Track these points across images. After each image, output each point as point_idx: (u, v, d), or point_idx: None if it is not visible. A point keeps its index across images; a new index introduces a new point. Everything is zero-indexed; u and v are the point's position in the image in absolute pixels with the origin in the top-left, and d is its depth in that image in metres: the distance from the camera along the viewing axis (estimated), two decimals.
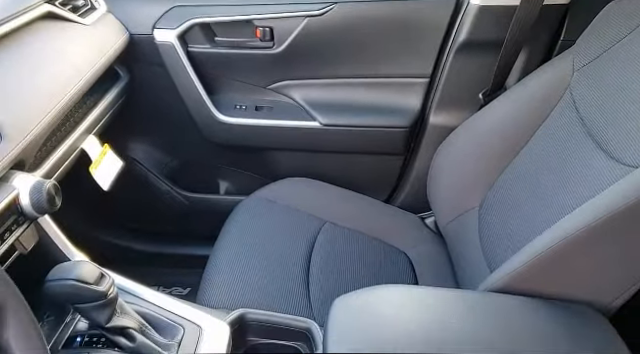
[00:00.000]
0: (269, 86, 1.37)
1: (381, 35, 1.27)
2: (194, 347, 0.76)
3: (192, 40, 1.30)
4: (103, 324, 0.73)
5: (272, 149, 1.41)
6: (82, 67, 1.06)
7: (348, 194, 1.33)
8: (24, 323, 0.45)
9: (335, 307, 0.73)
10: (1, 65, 0.87)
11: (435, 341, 0.68)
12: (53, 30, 1.06)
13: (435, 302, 0.76)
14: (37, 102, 0.87)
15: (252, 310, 0.84)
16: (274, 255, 1.10)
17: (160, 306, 0.81)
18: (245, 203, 1.27)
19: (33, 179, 0.77)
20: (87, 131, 1.10)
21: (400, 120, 1.33)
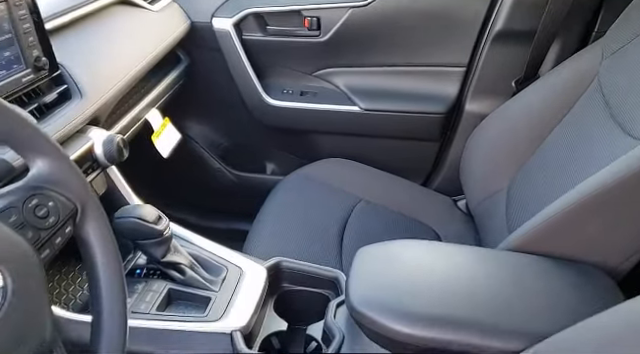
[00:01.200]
0: (314, 73, 1.48)
1: (420, 25, 1.36)
2: (235, 285, 0.86)
3: (246, 28, 1.43)
4: (159, 259, 0.85)
5: (315, 132, 1.52)
6: (149, 47, 1.20)
7: (383, 175, 1.40)
8: (100, 221, 0.57)
9: (358, 255, 0.81)
10: (83, 40, 1.02)
11: (449, 287, 0.76)
12: (126, 14, 1.20)
13: (452, 254, 0.83)
14: (111, 71, 1.01)
15: (287, 259, 0.94)
16: (310, 225, 1.19)
17: (208, 250, 0.93)
18: (286, 180, 1.37)
19: (106, 133, 0.90)
20: (151, 105, 1.24)
21: (437, 107, 1.40)
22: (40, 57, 0.83)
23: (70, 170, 0.55)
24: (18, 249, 0.46)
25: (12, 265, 0.45)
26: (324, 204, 1.27)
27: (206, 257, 0.91)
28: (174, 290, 0.85)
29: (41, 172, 0.53)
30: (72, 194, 0.54)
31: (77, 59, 0.94)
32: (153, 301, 0.82)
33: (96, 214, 0.56)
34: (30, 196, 0.51)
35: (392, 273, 0.78)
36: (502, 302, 0.73)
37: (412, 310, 0.71)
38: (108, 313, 0.55)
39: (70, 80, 0.90)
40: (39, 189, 0.52)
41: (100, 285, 0.55)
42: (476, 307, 0.72)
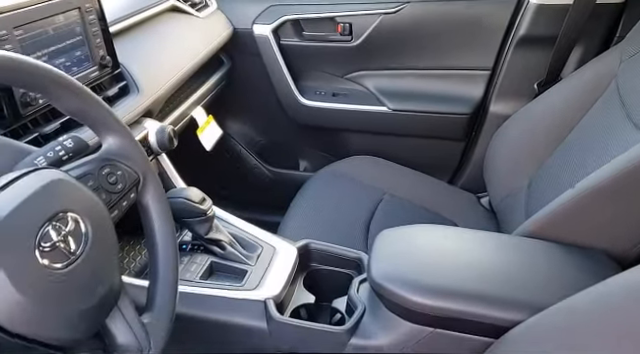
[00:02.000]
0: (346, 75, 1.57)
1: (447, 31, 1.44)
2: (269, 261, 0.96)
3: (284, 34, 1.54)
4: (203, 235, 0.96)
5: (345, 130, 1.61)
6: (196, 50, 1.32)
7: (409, 172, 1.48)
8: (157, 189, 0.67)
9: (379, 237, 0.90)
10: (140, 43, 1.14)
11: (460, 263, 0.83)
12: (176, 20, 1.33)
13: (466, 237, 0.91)
14: (163, 70, 1.14)
15: (315, 241, 1.03)
16: (338, 215, 1.28)
17: (245, 230, 1.03)
18: (317, 175, 1.46)
19: (158, 124, 1.02)
20: (196, 103, 1.36)
21: (462, 108, 1.48)
22: (105, 56, 0.95)
23: (135, 147, 0.66)
24: (96, 206, 0.57)
25: (92, 218, 0.55)
26: (352, 197, 1.35)
27: (244, 236, 1.01)
28: (215, 263, 0.95)
29: (112, 147, 0.64)
30: (136, 166, 0.65)
31: (135, 59, 1.06)
32: (197, 271, 0.92)
33: (154, 184, 0.67)
34: (103, 166, 0.63)
35: (409, 251, 0.86)
36: (508, 278, 0.80)
37: (427, 283, 0.79)
38: (163, 266, 0.65)
39: (129, 77, 1.02)
40: (110, 161, 0.63)
41: (156, 242, 0.66)
42: (484, 281, 0.79)
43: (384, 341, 0.83)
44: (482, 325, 0.76)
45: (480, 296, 0.77)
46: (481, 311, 0.76)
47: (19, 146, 0.74)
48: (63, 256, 0.51)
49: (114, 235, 0.59)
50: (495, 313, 0.75)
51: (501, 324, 0.74)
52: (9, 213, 0.48)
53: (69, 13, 0.87)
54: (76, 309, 0.51)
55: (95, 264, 0.54)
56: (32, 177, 0.53)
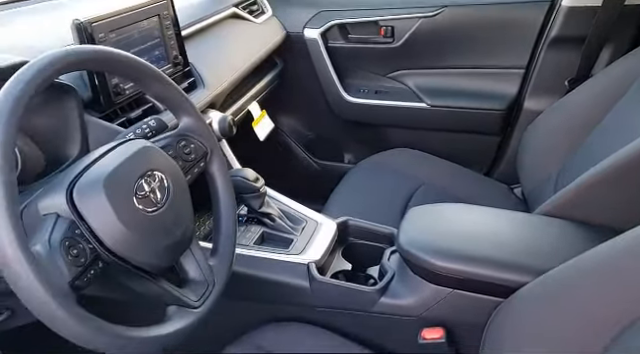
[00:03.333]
0: (387, 74, 1.70)
1: (483, 32, 1.54)
2: (311, 233, 1.10)
3: (331, 37, 1.69)
4: (256, 209, 1.11)
5: (386, 125, 1.74)
6: (253, 52, 1.49)
7: (445, 164, 1.58)
8: (221, 161, 0.83)
9: (408, 213, 1.03)
10: (205, 45, 1.32)
11: (478, 233, 0.95)
12: (236, 26, 1.51)
13: (487, 214, 1.02)
14: (224, 69, 1.31)
15: (353, 218, 1.16)
16: (376, 201, 1.40)
17: (292, 207, 1.18)
18: (358, 166, 1.60)
19: (221, 114, 1.18)
20: (252, 98, 1.53)
21: (497, 104, 1.58)
22: (177, 56, 1.13)
23: (204, 126, 0.82)
24: (175, 169, 0.74)
25: (173, 177, 0.72)
26: (390, 185, 1.47)
27: (291, 212, 1.16)
28: (266, 232, 1.11)
29: (186, 125, 0.80)
30: (205, 141, 0.81)
31: (201, 59, 1.24)
32: (251, 238, 1.08)
33: (219, 157, 0.83)
34: (179, 140, 0.79)
35: (434, 223, 0.99)
36: (518, 246, 0.91)
37: (447, 249, 0.91)
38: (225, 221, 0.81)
39: (196, 74, 1.20)
40: (185, 136, 0.80)
41: (220, 203, 0.82)
42: (496, 249, 0.90)
43: (410, 301, 0.96)
44: (493, 286, 0.87)
45: (492, 261, 0.88)
46: (492, 274, 0.87)
47: (112, 127, 0.92)
48: (152, 203, 0.67)
49: (188, 193, 0.75)
50: (504, 275, 0.86)
51: (509, 285, 0.84)
52: (113, 169, 0.65)
53: (151, 19, 1.04)
54: (161, 243, 0.67)
55: (175, 212, 0.70)
56: (128, 145, 0.70)
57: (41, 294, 0.52)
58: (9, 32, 1.01)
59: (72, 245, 0.58)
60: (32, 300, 0.53)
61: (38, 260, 0.54)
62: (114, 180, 0.64)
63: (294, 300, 1.02)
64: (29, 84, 0.57)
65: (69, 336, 0.55)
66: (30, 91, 0.57)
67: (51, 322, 0.54)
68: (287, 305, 1.02)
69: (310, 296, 1.00)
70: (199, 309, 0.71)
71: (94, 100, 0.92)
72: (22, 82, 0.57)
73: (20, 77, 0.57)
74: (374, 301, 0.97)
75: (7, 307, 0.72)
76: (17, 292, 0.53)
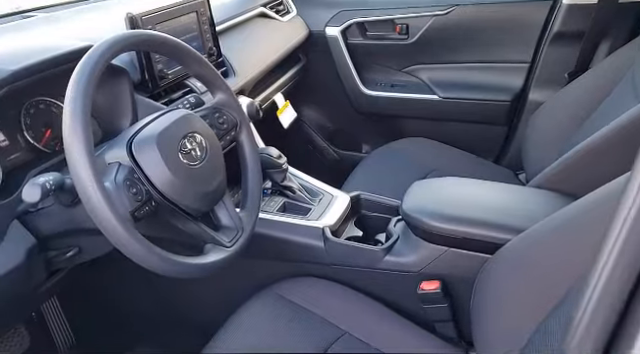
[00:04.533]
0: (402, 69, 1.84)
1: (491, 29, 1.67)
2: (327, 204, 1.25)
3: (350, 34, 1.84)
4: (279, 182, 1.26)
5: (401, 116, 1.87)
6: (278, 47, 1.65)
7: (455, 151, 1.70)
8: (249, 132, 0.98)
9: (411, 186, 1.16)
10: (235, 40, 1.48)
11: (471, 200, 1.08)
12: (263, 24, 1.67)
13: (482, 185, 1.15)
14: (252, 61, 1.47)
15: (364, 192, 1.30)
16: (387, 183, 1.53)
17: (310, 182, 1.33)
18: (373, 153, 1.73)
19: (249, 99, 1.34)
20: (277, 90, 1.68)
21: (504, 96, 1.70)
22: (212, 48, 1.29)
23: (235, 101, 0.98)
24: (211, 134, 0.89)
25: (209, 140, 0.87)
26: (402, 170, 1.60)
27: (309, 186, 1.31)
28: (287, 202, 1.26)
29: (220, 99, 0.96)
30: (236, 114, 0.97)
31: (232, 51, 1.40)
32: (274, 207, 1.23)
33: (247, 128, 0.99)
34: (214, 112, 0.95)
35: (433, 193, 1.12)
36: (505, 210, 1.04)
37: (443, 212, 1.04)
38: (252, 180, 0.96)
39: (228, 64, 1.36)
40: (219, 109, 0.95)
41: (247, 165, 0.97)
42: (486, 212, 1.03)
43: (411, 258, 1.09)
44: (482, 243, 1.00)
45: (480, 221, 1.01)
46: (480, 232, 1.00)
47: (158, 105, 1.08)
48: (193, 158, 0.83)
49: (222, 155, 0.91)
50: (490, 233, 0.99)
51: (495, 242, 0.97)
52: (164, 129, 0.81)
53: (190, 15, 1.21)
54: (200, 191, 0.83)
55: (211, 167, 0.86)
56: (174, 112, 0.86)
57: (110, 217, 0.68)
58: (73, 25, 1.19)
59: (132, 185, 0.74)
60: (103, 222, 0.68)
61: (108, 193, 0.70)
62: (164, 137, 0.80)
63: (310, 258, 1.16)
64: (103, 56, 0.73)
65: (127, 253, 0.71)
66: (103, 63, 0.73)
67: (115, 240, 0.70)
68: (304, 263, 1.17)
69: (324, 255, 1.15)
70: (231, 249, 0.86)
71: (142, 82, 1.09)
72: (96, 56, 0.73)
73: (94, 52, 0.73)
74: (380, 259, 1.11)
75: (75, 245, 0.89)
76: (93, 217, 0.69)
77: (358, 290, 1.12)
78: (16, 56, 0.84)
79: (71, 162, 0.68)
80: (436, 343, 1.04)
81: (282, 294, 1.10)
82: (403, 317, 1.08)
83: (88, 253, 0.90)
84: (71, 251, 0.89)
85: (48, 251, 0.88)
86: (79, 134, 0.68)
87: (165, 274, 0.75)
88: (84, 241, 0.88)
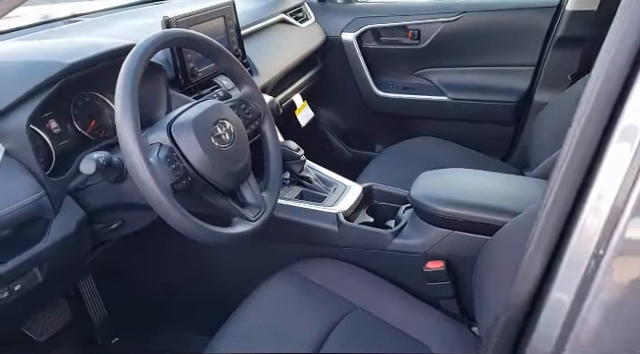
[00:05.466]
0: (414, 72, 1.95)
1: (498, 34, 1.77)
2: (341, 193, 1.35)
3: (365, 40, 1.95)
4: (297, 173, 1.37)
5: (412, 117, 1.98)
6: (297, 51, 1.77)
7: (464, 150, 1.79)
8: (272, 123, 1.10)
9: (419, 176, 1.26)
10: (258, 43, 1.60)
11: (474, 187, 1.17)
12: (284, 29, 1.79)
13: (485, 175, 1.24)
14: (273, 63, 1.59)
15: (376, 183, 1.41)
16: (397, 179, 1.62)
17: (325, 173, 1.43)
18: (385, 151, 1.84)
19: (270, 96, 1.46)
20: (295, 91, 1.80)
21: (511, 97, 1.79)
22: (237, 49, 1.41)
23: (259, 94, 1.09)
24: (239, 122, 1.00)
25: (237, 127, 0.98)
26: (413, 167, 1.68)
27: (325, 177, 1.42)
28: (304, 191, 1.36)
29: (246, 92, 1.07)
30: (260, 105, 1.08)
31: (255, 53, 1.52)
32: (292, 195, 1.34)
33: (269, 118, 1.10)
34: (241, 103, 1.06)
35: (438, 180, 1.22)
36: (503, 196, 1.13)
37: (448, 198, 1.14)
38: (273, 166, 1.07)
39: (251, 65, 1.48)
40: (245, 101, 1.07)
41: (269, 152, 1.08)
42: (486, 198, 1.13)
43: (417, 241, 1.19)
44: (482, 226, 1.09)
45: (481, 206, 1.11)
46: (481, 216, 1.09)
47: (189, 98, 1.20)
48: (223, 142, 0.94)
49: (247, 141, 1.02)
50: (489, 216, 1.08)
51: (494, 224, 1.06)
52: (198, 115, 0.92)
53: (218, 19, 1.33)
54: (229, 170, 0.94)
55: (237, 151, 0.97)
56: (207, 102, 0.98)
57: (154, 187, 0.79)
58: (113, 28, 1.32)
59: (171, 162, 0.86)
60: (148, 191, 0.80)
61: (152, 167, 0.81)
62: (198, 122, 0.91)
63: (325, 241, 1.26)
64: (148, 50, 0.85)
65: (167, 219, 0.82)
66: (148, 55, 0.85)
67: (158, 208, 0.81)
68: (320, 245, 1.27)
69: (338, 238, 1.25)
70: (255, 223, 0.97)
71: (175, 79, 1.21)
72: (143, 49, 0.85)
73: (141, 46, 0.85)
74: (389, 241, 1.21)
75: (119, 219, 1.01)
76: (139, 187, 0.80)
77: (369, 270, 1.22)
78: (70, 52, 0.97)
79: (122, 140, 0.80)
80: (440, 318, 1.14)
81: (300, 273, 1.21)
82: (410, 294, 1.18)
83: (130, 226, 1.02)
84: (115, 224, 1.00)
85: (94, 224, 1.00)
86: (129, 116, 0.80)
87: (198, 240, 0.86)
88: (127, 215, 1.00)
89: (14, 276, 0.86)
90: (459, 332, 1.11)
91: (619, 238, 0.46)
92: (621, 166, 0.46)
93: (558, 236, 0.50)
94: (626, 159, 0.46)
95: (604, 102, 0.47)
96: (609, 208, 0.46)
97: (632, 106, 0.45)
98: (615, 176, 0.46)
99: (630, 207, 0.45)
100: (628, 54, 0.45)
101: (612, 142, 0.46)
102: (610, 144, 0.46)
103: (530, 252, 0.51)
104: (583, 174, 0.48)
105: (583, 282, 0.47)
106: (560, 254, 0.50)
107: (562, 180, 0.49)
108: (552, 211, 0.51)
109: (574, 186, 0.49)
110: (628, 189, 0.45)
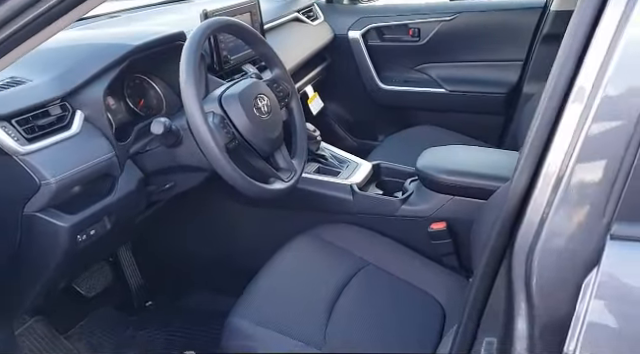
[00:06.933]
0: (414, 67, 2.13)
1: (490, 33, 1.96)
2: (353, 169, 1.53)
3: (370, 37, 2.14)
4: (314, 152, 1.55)
5: (413, 108, 2.16)
6: (308, 46, 1.95)
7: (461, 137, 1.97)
8: (298, 101, 1.27)
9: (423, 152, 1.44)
10: (275, 38, 1.78)
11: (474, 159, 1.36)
12: (297, 27, 1.97)
13: (483, 149, 1.43)
14: (288, 56, 1.76)
15: (385, 162, 1.59)
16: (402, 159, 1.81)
17: (338, 153, 1.61)
18: (388, 139, 2.02)
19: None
20: (307, 82, 1.98)
21: (502, 89, 1.98)
22: None
23: (288, 76, 1.27)
24: (273, 97, 1.17)
25: (271, 101, 1.15)
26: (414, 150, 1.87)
27: (338, 155, 1.60)
28: (321, 167, 1.54)
29: (277, 74, 1.25)
30: (288, 85, 1.26)
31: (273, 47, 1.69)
32: (311, 170, 1.52)
33: (296, 97, 1.28)
34: (273, 82, 1.23)
35: (441, 154, 1.40)
36: (497, 165, 1.31)
37: (449, 168, 1.32)
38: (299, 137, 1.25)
39: None
40: (276, 80, 1.24)
41: (296, 125, 1.26)
42: (482, 167, 1.31)
43: (423, 207, 1.37)
44: (478, 191, 1.27)
45: (477, 174, 1.29)
46: (478, 182, 1.27)
47: (224, 82, 1.38)
48: (262, 112, 1.11)
49: (280, 114, 1.19)
50: (485, 182, 1.26)
51: (489, 189, 1.24)
52: (243, 89, 1.10)
53: (245, 14, 1.51)
54: (267, 136, 1.11)
55: (274, 121, 1.15)
56: (248, 80, 1.16)
57: (213, 144, 0.97)
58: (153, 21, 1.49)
59: (223, 127, 1.03)
60: (208, 148, 0.97)
61: (210, 128, 0.98)
62: (243, 95, 1.09)
63: (341, 209, 1.44)
64: (205, 32, 1.03)
65: (221, 172, 0.99)
66: (205, 36, 1.02)
67: (215, 162, 0.98)
68: (336, 213, 1.45)
69: (352, 205, 1.43)
70: (288, 183, 1.15)
71: (211, 65, 1.39)
72: (200, 31, 1.02)
73: (199, 30, 1.03)
74: (398, 208, 1.39)
75: (171, 180, 1.18)
76: (200, 144, 0.97)
77: (380, 233, 1.40)
78: (133, 37, 1.14)
79: (186, 106, 0.97)
80: (442, 271, 1.32)
81: (319, 236, 1.38)
82: (416, 252, 1.35)
83: (180, 186, 1.19)
84: (168, 184, 1.17)
85: (150, 186, 1.17)
86: (192, 86, 0.97)
87: (244, 191, 1.03)
88: (178, 176, 1.17)
89: (91, 222, 1.03)
90: (459, 282, 1.29)
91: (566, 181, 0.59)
92: (571, 129, 0.59)
93: (532, 173, 0.64)
94: (575, 119, 0.59)
95: (563, 83, 0.61)
96: (562, 156, 0.60)
97: (581, 82, 0.59)
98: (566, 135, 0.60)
99: (576, 154, 0.59)
100: (578, 45, 0.60)
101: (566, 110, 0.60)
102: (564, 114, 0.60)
103: (516, 176, 0.67)
104: (547, 132, 0.63)
105: (549, 198, 0.61)
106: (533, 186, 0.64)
107: (532, 142, 0.64)
108: (530, 150, 0.66)
109: (541, 139, 0.63)
110: (575, 142, 0.58)
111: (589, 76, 0.57)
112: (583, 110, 0.57)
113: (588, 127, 0.57)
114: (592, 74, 0.57)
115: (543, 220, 0.61)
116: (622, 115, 0.55)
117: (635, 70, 0.55)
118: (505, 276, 0.67)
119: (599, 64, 0.56)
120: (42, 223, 0.96)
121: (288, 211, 1.50)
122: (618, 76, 0.55)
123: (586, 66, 0.58)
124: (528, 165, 0.65)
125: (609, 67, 0.55)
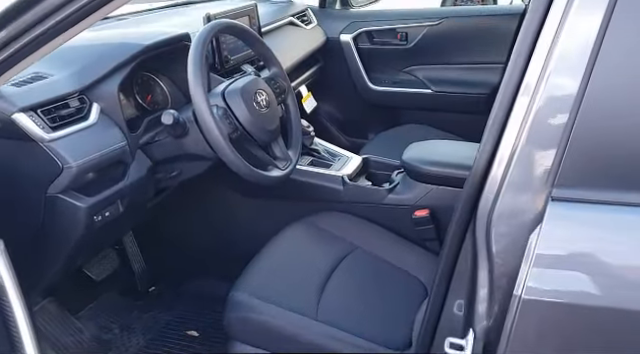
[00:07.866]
0: (402, 69, 2.26)
1: (474, 36, 2.09)
2: (344, 162, 1.65)
3: (360, 40, 2.26)
4: (308, 146, 1.67)
5: (401, 108, 2.29)
6: (302, 49, 2.07)
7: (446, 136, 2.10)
8: (293, 97, 1.39)
9: (409, 146, 1.56)
10: (272, 41, 1.89)
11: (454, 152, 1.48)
12: (291, 30, 2.09)
13: (461, 143, 1.55)
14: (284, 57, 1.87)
15: (372, 155, 1.70)
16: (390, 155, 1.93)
17: (330, 147, 1.73)
18: (377, 136, 2.14)
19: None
20: (301, 82, 2.10)
21: (484, 89, 2.11)
22: None
23: (284, 74, 1.38)
24: (271, 92, 1.29)
25: (269, 96, 1.27)
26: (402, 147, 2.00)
27: (330, 150, 1.72)
28: (314, 160, 1.66)
29: (274, 72, 1.37)
30: (284, 82, 1.37)
31: None
32: (304, 163, 1.63)
33: (292, 94, 1.40)
34: (270, 79, 1.35)
35: (425, 147, 1.52)
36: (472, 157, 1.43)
37: (432, 159, 1.44)
38: (294, 130, 1.36)
39: None
40: (274, 78, 1.36)
41: (291, 120, 1.37)
42: (461, 159, 1.42)
43: (408, 195, 1.49)
44: (458, 180, 1.36)
45: (458, 165, 1.40)
46: (457, 172, 1.39)
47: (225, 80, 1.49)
48: (261, 106, 1.23)
49: (277, 109, 1.31)
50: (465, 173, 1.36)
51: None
52: (244, 85, 1.21)
53: (244, 17, 1.62)
54: (265, 128, 1.23)
55: (272, 115, 1.26)
56: (248, 76, 1.27)
57: (217, 133, 1.08)
58: (160, 23, 1.61)
59: (227, 118, 1.15)
60: (213, 136, 1.08)
61: (215, 119, 1.10)
62: (244, 90, 1.20)
63: (332, 198, 1.55)
64: (209, 33, 1.14)
65: (225, 158, 1.10)
66: (210, 37, 1.14)
67: (219, 150, 1.09)
68: (328, 201, 1.56)
69: (343, 195, 1.54)
70: (284, 171, 1.26)
71: (213, 64, 1.50)
72: (206, 32, 1.14)
73: (204, 30, 1.14)
74: (384, 197, 1.51)
75: (178, 169, 1.29)
76: (206, 133, 1.08)
77: (368, 220, 1.51)
78: (143, 37, 1.26)
79: (194, 98, 1.08)
80: (425, 254, 1.43)
81: (314, 223, 1.49)
82: (401, 237, 1.47)
83: (186, 174, 1.30)
84: (174, 172, 1.28)
85: (158, 173, 1.28)
86: (199, 81, 1.09)
87: (245, 177, 1.14)
88: (184, 165, 1.28)
89: (106, 204, 1.14)
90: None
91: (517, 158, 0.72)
92: (520, 117, 0.72)
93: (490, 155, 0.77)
94: (523, 109, 0.72)
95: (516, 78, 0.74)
96: (513, 140, 0.73)
97: (528, 79, 0.72)
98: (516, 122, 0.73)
99: (524, 137, 0.72)
100: (526, 48, 0.73)
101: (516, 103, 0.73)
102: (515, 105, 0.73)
103: (477, 158, 0.80)
104: (502, 121, 0.76)
105: (503, 174, 0.74)
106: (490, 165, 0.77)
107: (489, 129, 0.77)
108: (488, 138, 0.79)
109: (498, 126, 0.77)
110: (523, 127, 0.71)
111: (534, 73, 0.70)
112: (529, 101, 0.70)
113: (533, 115, 0.70)
114: (536, 72, 0.69)
115: (498, 192, 0.74)
116: (559, 105, 0.68)
117: (568, 68, 0.67)
118: (470, 240, 0.79)
119: (541, 64, 0.68)
120: (63, 204, 1.07)
121: (284, 201, 1.61)
122: (556, 74, 0.68)
123: (532, 65, 0.71)
124: (487, 149, 0.78)
125: (549, 66, 0.68)
